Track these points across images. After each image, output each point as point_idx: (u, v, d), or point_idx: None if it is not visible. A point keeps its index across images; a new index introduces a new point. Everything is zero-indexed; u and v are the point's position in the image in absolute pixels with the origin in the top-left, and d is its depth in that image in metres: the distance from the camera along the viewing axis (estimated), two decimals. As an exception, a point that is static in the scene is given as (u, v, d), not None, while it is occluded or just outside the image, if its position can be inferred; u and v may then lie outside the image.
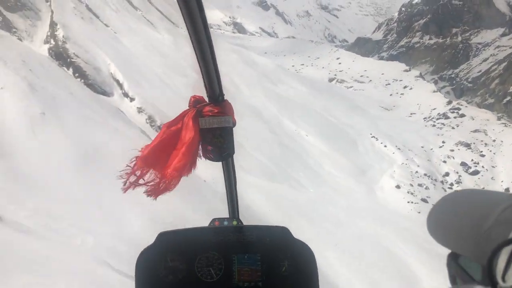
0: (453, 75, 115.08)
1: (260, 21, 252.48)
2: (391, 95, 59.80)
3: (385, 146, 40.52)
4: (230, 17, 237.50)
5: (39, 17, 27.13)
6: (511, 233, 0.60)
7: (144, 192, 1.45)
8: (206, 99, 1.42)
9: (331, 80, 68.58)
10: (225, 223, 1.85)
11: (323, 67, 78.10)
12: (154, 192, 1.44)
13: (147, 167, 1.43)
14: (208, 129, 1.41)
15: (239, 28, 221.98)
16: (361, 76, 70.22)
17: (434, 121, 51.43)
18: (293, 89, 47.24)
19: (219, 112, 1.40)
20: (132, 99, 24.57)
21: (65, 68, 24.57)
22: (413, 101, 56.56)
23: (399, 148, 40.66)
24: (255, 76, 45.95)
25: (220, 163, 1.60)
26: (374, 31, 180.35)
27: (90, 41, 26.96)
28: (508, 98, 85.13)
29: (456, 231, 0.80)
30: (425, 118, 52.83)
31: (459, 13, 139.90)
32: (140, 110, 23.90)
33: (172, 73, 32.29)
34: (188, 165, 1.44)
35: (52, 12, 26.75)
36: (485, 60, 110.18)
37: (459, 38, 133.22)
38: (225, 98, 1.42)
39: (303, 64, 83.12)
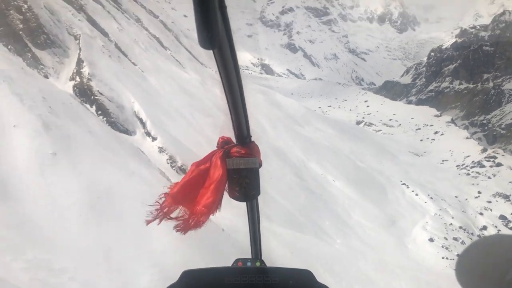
0: (484, 121, 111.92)
1: (287, 63, 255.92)
2: (421, 140, 57.93)
3: (417, 194, 38.43)
4: (258, 59, 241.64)
5: (67, 55, 27.20)
6: None
7: (173, 228, 1.50)
8: (234, 140, 1.49)
9: (359, 122, 67.27)
10: (248, 263, 1.85)
11: (350, 110, 77.06)
12: (184, 227, 1.50)
13: (176, 204, 1.50)
14: (235, 169, 1.46)
15: (266, 69, 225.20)
16: (390, 119, 68.70)
17: (468, 170, 49.06)
18: (320, 131, 46.11)
19: (246, 153, 1.46)
20: (154, 139, 23.87)
21: (88, 106, 24.25)
22: (445, 148, 54.45)
23: (431, 197, 38.47)
24: (281, 117, 45.15)
25: (244, 204, 1.64)
26: (402, 75, 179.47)
27: (116, 79, 26.74)
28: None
29: (482, 278, 0.79)
30: (458, 166, 50.53)
31: (490, 59, 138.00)
32: (161, 150, 23.12)
33: (197, 113, 31.70)
34: (216, 204, 1.49)
35: (80, 49, 26.80)
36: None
37: (491, 84, 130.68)
38: (252, 140, 1.49)
39: (330, 106, 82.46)
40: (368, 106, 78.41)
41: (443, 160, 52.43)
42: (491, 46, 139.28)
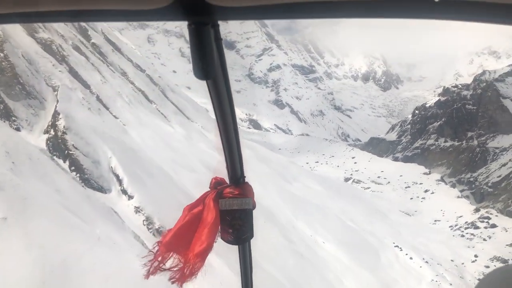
0: (471, 179, 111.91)
1: (275, 118, 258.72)
2: (411, 199, 56.70)
3: (411, 258, 36.35)
4: (246, 114, 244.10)
5: (44, 107, 25.75)
6: None
7: (169, 280, 1.45)
8: (227, 181, 1.47)
9: (347, 179, 66.13)
10: None
11: (338, 166, 76.11)
12: (180, 278, 1.45)
13: (169, 252, 1.46)
14: (228, 210, 1.42)
15: (254, 124, 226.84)
16: (378, 177, 67.74)
17: (462, 231, 47.53)
18: (308, 188, 44.55)
19: (240, 194, 1.44)
20: (130, 197, 22.00)
21: (61, 161, 22.50)
22: (436, 207, 53.22)
23: (426, 262, 36.46)
24: (269, 174, 43.64)
25: (236, 247, 1.59)
26: (387, 132, 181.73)
27: (93, 132, 25.20)
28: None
29: None
30: (451, 226, 49.01)
31: (473, 117, 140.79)
32: (137, 210, 21.20)
33: (181, 168, 30.06)
34: (211, 248, 1.45)
35: (57, 101, 25.42)
36: (504, 165, 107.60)
37: (475, 142, 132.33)
38: (245, 180, 1.47)
39: (317, 162, 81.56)
40: (355, 163, 77.69)
41: (435, 220, 50.95)
42: (473, 105, 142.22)
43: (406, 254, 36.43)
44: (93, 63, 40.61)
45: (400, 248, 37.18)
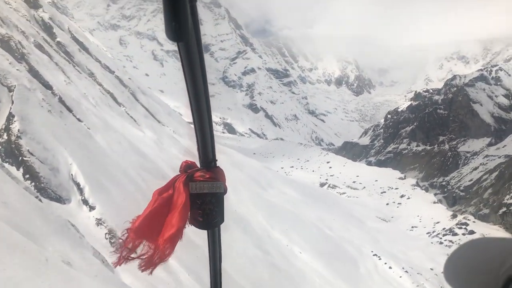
0: (444, 183, 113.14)
1: (249, 122, 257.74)
2: (387, 204, 56.00)
3: (390, 267, 35.24)
4: (220, 118, 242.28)
5: (-4, 108, 23.51)
6: None
7: (138, 268, 1.40)
8: (198, 165, 1.42)
9: (322, 184, 65.02)
10: None
11: (313, 171, 75.07)
12: (149, 265, 1.40)
13: (139, 239, 1.40)
14: (199, 194, 1.38)
15: (229, 128, 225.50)
16: (354, 182, 66.99)
17: (440, 238, 46.95)
18: (284, 195, 43.20)
19: (211, 177, 1.38)
20: (92, 208, 20.08)
21: (14, 168, 20.38)
22: (412, 213, 52.65)
23: (406, 271, 35.44)
24: (243, 180, 42.10)
25: (205, 233, 1.53)
26: (361, 136, 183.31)
27: (53, 137, 23.12)
28: (504, 209, 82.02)
29: (474, 277, 0.83)
30: (428, 233, 48.44)
31: (444, 121, 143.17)
32: (99, 222, 19.30)
33: (149, 175, 28.21)
34: (181, 232, 1.40)
35: (12, 102, 23.23)
36: (475, 168, 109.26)
37: (446, 146, 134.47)
38: (217, 164, 1.42)
39: (292, 167, 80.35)
40: (330, 168, 76.88)
41: (412, 227, 50.26)
42: (444, 109, 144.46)
43: (385, 263, 35.39)
44: (57, 63, 38.29)
45: (379, 257, 36.13)
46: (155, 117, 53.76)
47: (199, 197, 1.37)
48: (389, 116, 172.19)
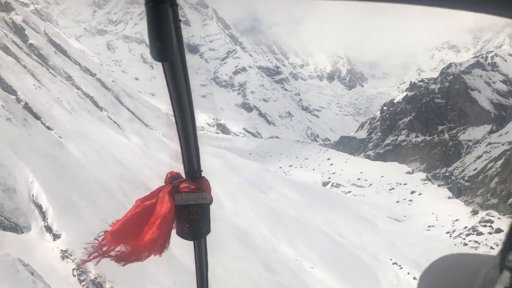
0: (447, 174, 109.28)
1: (243, 122, 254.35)
2: (397, 202, 51.99)
3: (415, 278, 30.90)
4: (214, 119, 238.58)
5: None
6: None
7: (111, 259, 1.41)
8: (183, 176, 1.44)
9: (325, 184, 60.89)
10: None
11: (313, 169, 71.11)
12: (123, 259, 1.41)
13: (116, 242, 1.40)
14: (184, 205, 1.39)
15: (223, 129, 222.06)
16: (358, 179, 62.95)
17: (464, 238, 42.90)
18: (286, 198, 39.37)
19: (196, 188, 1.40)
20: (56, 236, 16.21)
21: (-42, 191, 16.49)
22: (426, 210, 48.78)
23: (432, 280, 31.34)
24: (240, 185, 38.25)
25: (192, 243, 1.55)
26: (357, 130, 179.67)
27: (11, 150, 19.23)
28: (514, 198, 78.51)
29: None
30: (448, 233, 44.43)
31: (443, 111, 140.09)
32: (65, 255, 15.43)
33: (132, 187, 24.27)
34: (161, 241, 1.40)
35: (-39, 110, 19.32)
36: (479, 157, 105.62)
37: (446, 136, 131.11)
38: (202, 175, 1.43)
39: (291, 166, 76.34)
40: (332, 165, 72.96)
41: (429, 226, 46.20)
42: (442, 98, 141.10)
43: (408, 273, 31.11)
44: (25, 66, 34.28)
45: (400, 265, 31.95)
46: (142, 120, 49.84)
47: (185, 209, 1.37)
48: (385, 108, 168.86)
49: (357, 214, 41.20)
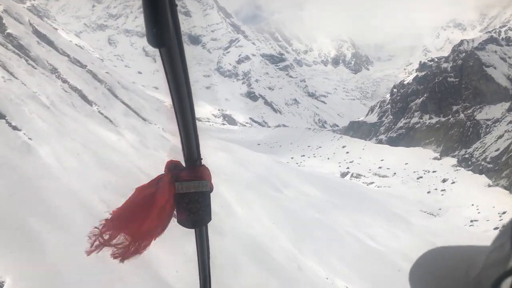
0: (466, 156, 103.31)
1: (249, 111, 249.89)
2: (429, 192, 46.44)
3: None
4: (219, 110, 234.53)
5: None
6: (508, 264, 0.61)
7: (110, 255, 1.42)
8: (183, 164, 1.43)
9: (343, 174, 55.31)
10: None
11: (328, 158, 65.67)
12: (123, 254, 1.41)
13: (116, 229, 1.41)
14: (185, 193, 1.40)
15: (229, 119, 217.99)
16: (380, 167, 57.46)
17: (519, 234, 37.56)
18: (305, 196, 34.30)
19: (197, 176, 1.40)
20: (-1, 284, 11.32)
21: None
22: (464, 201, 43.29)
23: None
24: (250, 182, 33.19)
25: (193, 232, 1.54)
26: (367, 114, 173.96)
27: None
28: (544, 178, 72.84)
29: (440, 284, 0.84)
30: (497, 228, 39.06)
31: (456, 90, 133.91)
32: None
33: (118, 198, 19.05)
34: (161, 229, 1.43)
35: None
36: (500, 137, 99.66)
37: (461, 116, 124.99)
38: (202, 163, 1.43)
39: (304, 156, 70.91)
40: (347, 153, 67.52)
41: (471, 221, 40.57)
42: (455, 77, 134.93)
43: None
44: (-6, 56, 29.42)
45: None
46: (139, 114, 44.92)
47: (185, 197, 1.38)
48: (395, 90, 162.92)
49: (386, 210, 36.05)
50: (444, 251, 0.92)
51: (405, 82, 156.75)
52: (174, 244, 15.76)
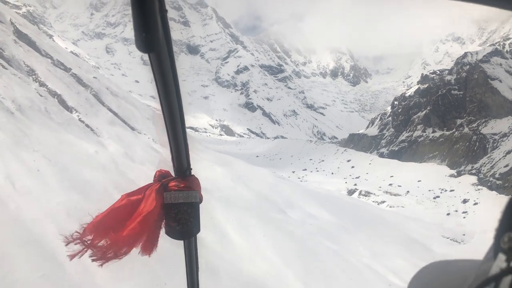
0: (473, 171, 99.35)
1: (247, 122, 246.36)
2: (448, 214, 41.68)
3: None
4: (217, 120, 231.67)
5: None
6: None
7: (89, 257, 1.38)
8: (173, 174, 1.42)
9: (351, 192, 50.62)
10: None
11: (332, 173, 61.28)
12: (101, 258, 1.37)
13: (97, 234, 1.38)
14: (173, 204, 1.38)
15: (226, 130, 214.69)
16: (390, 184, 52.97)
17: None
18: (313, 219, 29.83)
19: (186, 186, 1.39)
20: None
21: None
22: (491, 226, 39.07)
23: None
24: (252, 203, 28.67)
25: (182, 243, 1.54)
26: (367, 127, 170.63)
27: None
28: (557, 197, 68.62)
29: None
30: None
31: (461, 103, 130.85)
32: None
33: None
34: (145, 239, 1.39)
35: None
36: (508, 152, 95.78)
37: (466, 129, 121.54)
38: (192, 173, 1.42)
39: (305, 170, 66.55)
40: (353, 167, 63.27)
41: None
42: (459, 90, 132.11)
43: None
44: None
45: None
46: (127, 122, 40.55)
47: (174, 207, 1.37)
48: (396, 102, 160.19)
49: (404, 235, 31.65)
50: (441, 265, 0.95)
51: (407, 95, 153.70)
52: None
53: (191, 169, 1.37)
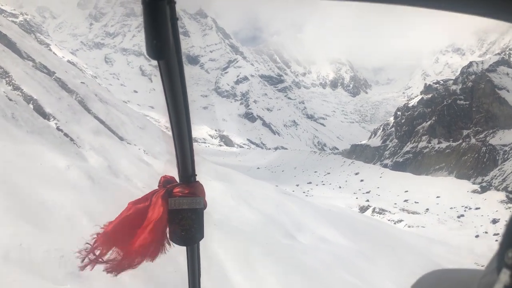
0: (484, 184, 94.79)
1: (247, 132, 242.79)
2: (477, 237, 36.68)
3: None
4: (216, 130, 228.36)
5: None
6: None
7: (103, 270, 1.39)
8: (177, 180, 1.43)
9: (363, 209, 45.43)
10: None
11: (340, 187, 56.71)
12: (116, 268, 1.39)
13: (109, 244, 1.38)
14: (178, 210, 1.38)
15: (226, 140, 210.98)
16: (406, 201, 48.13)
17: None
18: (326, 244, 25.48)
19: (190, 193, 1.39)
20: None
21: None
22: None
23: None
24: (256, 225, 24.25)
25: (185, 249, 1.55)
26: (370, 137, 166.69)
27: None
28: None
29: None
30: None
31: (467, 113, 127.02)
32: None
33: (28, 276, 10.26)
34: (154, 245, 1.38)
35: None
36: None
37: (473, 140, 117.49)
38: (197, 179, 1.43)
39: (310, 183, 61.88)
40: (362, 181, 58.69)
41: None
42: (465, 100, 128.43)
43: None
44: None
45: None
46: (116, 132, 36.18)
47: (178, 213, 1.37)
48: (399, 113, 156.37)
49: (431, 263, 27.31)
50: (441, 273, 0.94)
51: (410, 105, 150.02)
52: None
53: (196, 175, 1.38)
